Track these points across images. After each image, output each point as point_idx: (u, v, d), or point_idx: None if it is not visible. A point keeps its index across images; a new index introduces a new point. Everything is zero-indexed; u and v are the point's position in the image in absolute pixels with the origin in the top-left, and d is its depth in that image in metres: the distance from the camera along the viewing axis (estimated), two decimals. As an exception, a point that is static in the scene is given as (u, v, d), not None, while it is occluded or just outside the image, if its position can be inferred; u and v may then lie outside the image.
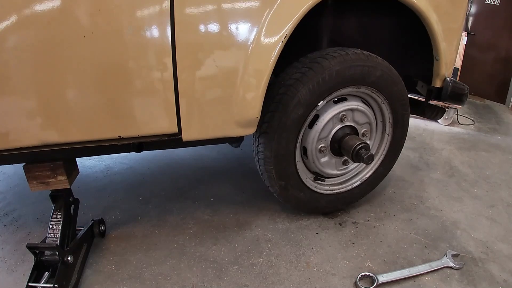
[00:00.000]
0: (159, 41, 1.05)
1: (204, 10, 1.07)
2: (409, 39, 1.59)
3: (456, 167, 2.29)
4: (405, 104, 1.52)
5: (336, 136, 1.45)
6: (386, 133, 1.59)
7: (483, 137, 2.94)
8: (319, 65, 1.27)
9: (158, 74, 1.08)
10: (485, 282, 1.32)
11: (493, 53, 4.26)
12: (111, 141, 1.14)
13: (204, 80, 1.13)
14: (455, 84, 1.52)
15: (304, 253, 1.41)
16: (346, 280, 1.29)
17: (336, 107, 1.40)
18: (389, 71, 1.40)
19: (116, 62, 1.04)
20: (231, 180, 1.96)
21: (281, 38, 1.14)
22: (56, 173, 1.19)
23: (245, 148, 2.30)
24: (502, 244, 1.53)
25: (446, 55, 1.46)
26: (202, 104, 1.15)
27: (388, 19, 1.57)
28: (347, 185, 1.62)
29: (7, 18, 0.92)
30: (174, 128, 1.16)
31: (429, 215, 1.71)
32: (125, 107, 1.09)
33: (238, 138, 1.37)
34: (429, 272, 1.33)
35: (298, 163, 1.45)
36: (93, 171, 2.04)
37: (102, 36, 0.99)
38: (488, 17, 4.22)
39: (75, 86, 1.03)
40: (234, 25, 1.11)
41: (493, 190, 2.01)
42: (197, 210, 1.67)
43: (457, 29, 1.53)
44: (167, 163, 2.14)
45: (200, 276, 1.28)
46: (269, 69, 1.15)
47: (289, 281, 1.27)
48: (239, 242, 1.46)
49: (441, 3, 1.41)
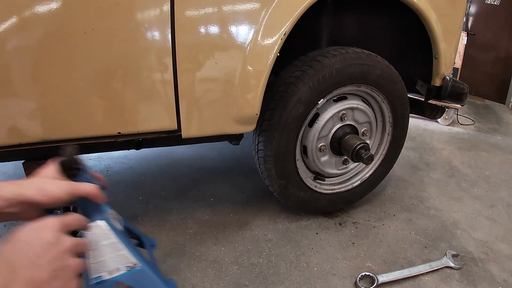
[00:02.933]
0: (159, 40, 1.05)
1: (203, 10, 1.07)
2: (409, 38, 1.59)
3: (456, 167, 2.28)
4: (405, 103, 1.52)
5: (336, 135, 1.44)
6: (386, 133, 1.58)
7: (483, 137, 2.94)
8: (320, 63, 1.27)
9: (158, 72, 1.08)
10: (485, 282, 1.31)
11: (493, 53, 4.26)
12: (110, 138, 1.14)
13: (203, 78, 1.13)
14: (455, 83, 1.52)
15: (304, 253, 1.41)
16: (346, 280, 1.29)
17: (336, 106, 1.40)
18: (389, 70, 1.40)
19: (116, 59, 1.04)
20: (231, 180, 1.95)
21: (279, 38, 1.14)
22: (55, 171, 1.18)
23: (245, 148, 2.29)
24: (502, 244, 1.53)
25: (446, 54, 1.46)
26: (201, 102, 1.15)
27: (388, 18, 1.57)
28: (347, 184, 1.62)
29: (5, 16, 0.92)
30: (173, 125, 1.16)
31: (429, 215, 1.71)
32: (125, 104, 1.09)
33: (237, 136, 1.37)
34: (429, 272, 1.33)
35: (298, 162, 1.45)
36: (93, 171, 2.04)
37: (102, 32, 0.99)
38: (488, 17, 4.22)
39: (75, 83, 1.03)
40: (232, 23, 1.11)
41: (493, 190, 2.00)
42: (197, 210, 1.66)
43: (456, 29, 1.53)
44: (167, 163, 2.14)
45: (200, 276, 1.28)
46: (268, 67, 1.15)
47: (289, 281, 1.27)
48: (239, 242, 1.46)
49: (441, 2, 1.41)
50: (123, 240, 0.75)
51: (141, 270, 0.77)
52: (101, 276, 0.73)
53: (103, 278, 0.73)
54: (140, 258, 0.78)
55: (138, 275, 0.77)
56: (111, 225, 0.74)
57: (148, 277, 0.79)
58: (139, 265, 0.76)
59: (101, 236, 0.72)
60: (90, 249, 0.69)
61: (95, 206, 0.72)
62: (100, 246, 0.72)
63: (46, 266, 0.50)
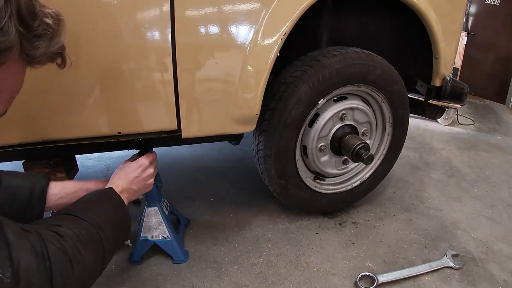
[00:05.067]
0: (159, 40, 1.05)
1: (203, 10, 1.07)
2: (409, 38, 1.59)
3: (456, 167, 2.28)
4: (405, 103, 1.52)
5: (336, 135, 1.44)
6: (386, 133, 1.58)
7: (483, 137, 2.94)
8: (320, 63, 1.27)
9: (158, 72, 1.08)
10: (485, 282, 1.31)
11: (493, 53, 4.26)
12: (110, 138, 1.14)
13: (203, 78, 1.13)
14: (455, 83, 1.52)
15: (304, 253, 1.41)
16: (346, 280, 1.29)
17: (336, 106, 1.40)
18: (389, 70, 1.40)
19: (116, 59, 1.04)
20: (231, 180, 1.95)
21: (279, 38, 1.14)
22: (55, 170, 1.19)
23: (245, 148, 2.29)
24: (502, 244, 1.53)
25: (446, 54, 1.46)
26: (201, 102, 1.15)
27: (388, 18, 1.57)
28: (347, 184, 1.62)
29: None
30: (173, 125, 1.16)
31: (429, 215, 1.71)
32: (125, 104, 1.09)
33: (237, 136, 1.37)
34: (429, 272, 1.33)
35: (298, 162, 1.45)
36: (93, 171, 2.04)
37: (102, 33, 0.99)
38: (488, 17, 4.22)
39: (75, 82, 1.03)
40: (232, 23, 1.11)
41: (493, 190, 2.00)
42: (197, 210, 1.66)
43: (456, 29, 1.53)
44: (167, 163, 2.14)
45: (200, 276, 1.28)
46: (268, 67, 1.15)
47: (289, 281, 1.27)
48: (239, 242, 1.46)
49: (441, 2, 1.41)
50: (165, 220, 1.27)
51: (170, 240, 1.29)
52: (147, 237, 1.29)
53: (148, 238, 1.29)
54: (172, 233, 1.29)
55: (167, 243, 1.30)
56: (161, 209, 1.27)
57: (173, 245, 1.31)
58: (169, 237, 1.29)
59: (153, 216, 1.26)
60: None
61: (155, 196, 1.24)
62: (152, 221, 1.27)
63: (140, 181, 1.05)
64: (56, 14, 0.64)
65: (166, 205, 1.36)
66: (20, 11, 0.56)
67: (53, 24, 0.62)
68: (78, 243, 0.68)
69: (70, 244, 0.66)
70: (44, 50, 0.63)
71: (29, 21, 0.58)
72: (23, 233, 0.60)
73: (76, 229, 0.70)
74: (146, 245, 1.30)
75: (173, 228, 1.32)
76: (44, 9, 0.61)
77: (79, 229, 0.71)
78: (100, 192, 0.92)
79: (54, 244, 0.63)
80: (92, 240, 0.73)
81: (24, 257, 0.57)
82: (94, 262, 0.71)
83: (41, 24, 0.60)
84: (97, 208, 0.82)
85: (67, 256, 0.64)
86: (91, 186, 1.02)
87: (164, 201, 1.34)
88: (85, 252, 0.68)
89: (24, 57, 0.62)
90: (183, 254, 1.35)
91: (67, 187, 0.97)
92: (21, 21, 0.57)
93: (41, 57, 0.64)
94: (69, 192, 0.97)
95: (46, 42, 0.62)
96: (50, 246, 0.62)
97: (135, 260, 1.32)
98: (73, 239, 0.67)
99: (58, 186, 0.95)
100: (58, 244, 0.64)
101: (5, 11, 0.53)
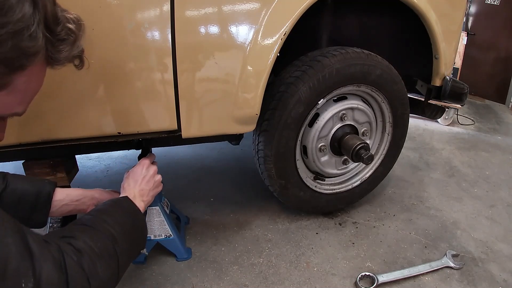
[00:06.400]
0: (159, 40, 1.05)
1: (203, 10, 1.07)
2: (409, 38, 1.59)
3: (456, 167, 2.28)
4: (405, 103, 1.52)
5: (336, 135, 1.44)
6: (386, 133, 1.58)
7: (483, 137, 2.94)
8: (320, 63, 1.27)
9: (158, 72, 1.08)
10: (485, 282, 1.31)
11: (493, 53, 4.26)
12: (110, 138, 1.14)
13: (203, 78, 1.13)
14: (455, 83, 1.52)
15: (304, 253, 1.41)
16: (346, 280, 1.29)
17: (336, 106, 1.40)
18: (389, 70, 1.40)
19: (116, 59, 1.04)
20: (231, 180, 1.95)
21: (279, 38, 1.14)
22: (55, 170, 1.19)
23: (245, 148, 2.29)
24: (502, 244, 1.53)
25: (446, 54, 1.46)
26: (201, 102, 1.15)
27: (388, 18, 1.57)
28: (347, 184, 1.62)
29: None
30: (173, 125, 1.16)
31: (429, 215, 1.71)
32: (125, 104, 1.09)
33: (237, 136, 1.37)
34: (429, 272, 1.33)
35: (298, 162, 1.45)
36: (93, 171, 2.04)
37: (102, 33, 0.99)
38: (488, 17, 4.22)
39: (75, 83, 1.03)
40: (232, 23, 1.11)
41: (493, 190, 2.00)
42: (197, 210, 1.66)
43: (456, 29, 1.53)
44: (167, 163, 2.14)
45: (200, 276, 1.28)
46: (268, 67, 1.15)
47: (289, 281, 1.27)
48: (239, 242, 1.46)
49: (441, 2, 1.41)
50: (167, 219, 1.28)
51: (173, 238, 1.30)
52: (149, 236, 1.28)
53: (151, 238, 1.28)
54: (174, 231, 1.30)
55: (170, 241, 1.31)
56: (162, 209, 1.27)
57: (176, 243, 1.32)
58: (172, 235, 1.29)
59: (155, 215, 1.26)
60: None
61: (157, 196, 1.18)
62: (154, 220, 1.26)
63: (149, 179, 1.07)
64: (77, 19, 0.67)
65: (167, 204, 1.36)
66: (46, 17, 0.59)
67: (75, 29, 0.65)
68: (94, 258, 0.68)
69: (87, 259, 0.66)
70: (67, 53, 0.66)
71: (54, 27, 0.61)
72: (45, 244, 0.61)
73: (92, 242, 0.70)
74: (149, 245, 1.30)
75: (175, 226, 1.33)
76: (65, 14, 0.64)
77: (95, 242, 0.70)
78: (115, 202, 0.90)
79: (71, 257, 0.63)
80: (108, 255, 0.72)
81: (46, 268, 0.57)
82: (109, 277, 0.71)
83: (64, 29, 0.63)
84: (112, 219, 0.81)
85: (84, 271, 0.64)
86: (95, 194, 1.03)
87: (165, 200, 1.35)
88: (101, 268, 0.68)
89: (48, 60, 0.65)
90: (186, 251, 1.36)
91: (72, 194, 0.98)
92: (47, 26, 0.60)
93: (63, 60, 0.67)
94: (74, 199, 0.98)
95: (69, 46, 0.65)
96: (68, 259, 0.62)
97: (138, 260, 1.32)
98: (89, 254, 0.67)
99: (63, 193, 0.96)
100: (75, 258, 0.64)
101: (33, 18, 0.56)
